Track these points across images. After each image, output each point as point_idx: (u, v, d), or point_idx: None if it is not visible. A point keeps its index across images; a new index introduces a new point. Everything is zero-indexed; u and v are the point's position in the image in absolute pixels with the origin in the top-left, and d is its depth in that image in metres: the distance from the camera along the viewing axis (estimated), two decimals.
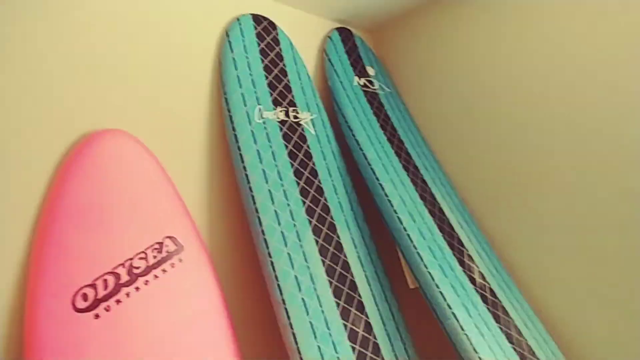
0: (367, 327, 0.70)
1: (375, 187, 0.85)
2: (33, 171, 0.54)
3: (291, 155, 0.80)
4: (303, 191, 0.77)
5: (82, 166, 0.55)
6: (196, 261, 0.62)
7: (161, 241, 0.59)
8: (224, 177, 0.77)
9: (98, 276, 0.52)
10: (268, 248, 0.66)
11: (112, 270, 0.53)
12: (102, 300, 0.51)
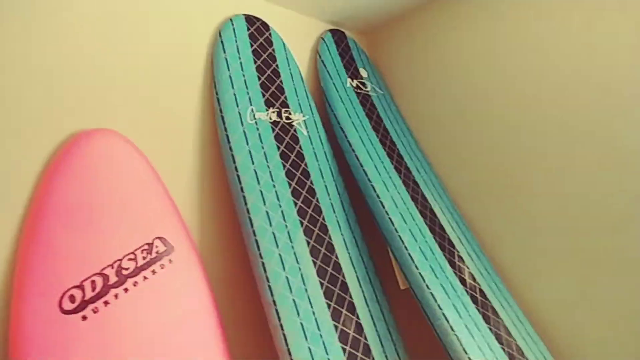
0: (357, 328, 0.70)
1: (367, 188, 0.85)
2: (21, 170, 0.53)
3: (283, 156, 0.79)
4: (295, 192, 0.77)
5: (71, 165, 0.55)
6: (186, 262, 0.62)
7: (151, 242, 0.59)
8: (215, 178, 0.77)
9: (86, 277, 0.51)
10: (259, 249, 0.66)
11: (101, 271, 0.52)
12: (89, 302, 0.50)
